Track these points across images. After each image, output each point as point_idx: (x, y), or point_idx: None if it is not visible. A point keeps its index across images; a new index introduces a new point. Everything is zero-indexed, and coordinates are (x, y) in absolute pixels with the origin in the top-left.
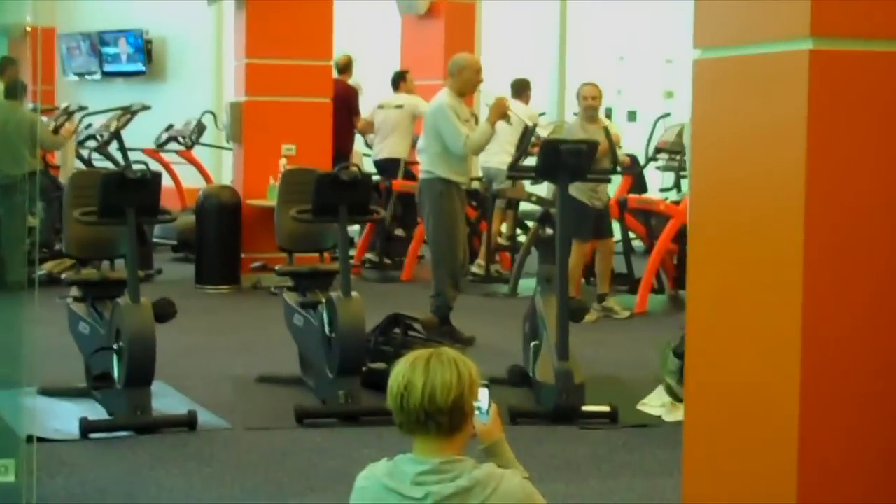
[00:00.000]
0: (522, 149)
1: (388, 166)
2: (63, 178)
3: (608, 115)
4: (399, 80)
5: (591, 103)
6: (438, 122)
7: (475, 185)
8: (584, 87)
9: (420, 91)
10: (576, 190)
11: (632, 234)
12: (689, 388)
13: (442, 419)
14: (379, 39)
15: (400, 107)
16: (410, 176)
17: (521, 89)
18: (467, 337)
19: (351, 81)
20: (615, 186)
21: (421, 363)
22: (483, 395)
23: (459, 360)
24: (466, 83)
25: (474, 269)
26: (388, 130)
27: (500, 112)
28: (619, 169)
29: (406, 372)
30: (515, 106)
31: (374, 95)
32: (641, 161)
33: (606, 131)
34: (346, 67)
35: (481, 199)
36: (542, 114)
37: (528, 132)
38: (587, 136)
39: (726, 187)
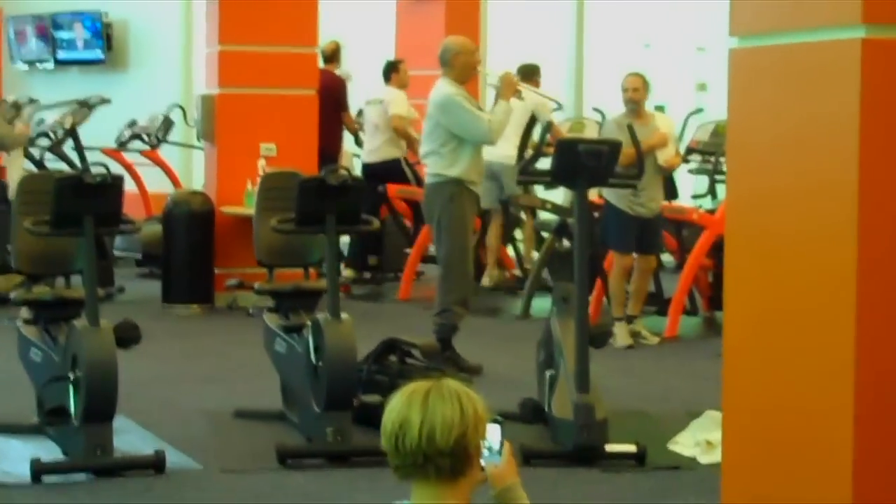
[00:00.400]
0: (537, 147)
1: (386, 170)
2: (12, 183)
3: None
4: (391, 71)
5: (630, 96)
6: (451, 114)
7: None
8: (625, 77)
9: (418, 83)
10: (614, 196)
11: None
12: (727, 422)
13: (442, 462)
14: (371, 24)
15: (380, 102)
16: (401, 179)
17: (528, 75)
18: (473, 365)
19: (339, 71)
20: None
21: (419, 397)
22: (494, 433)
23: (463, 394)
24: (465, 68)
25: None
26: (371, 129)
27: (511, 87)
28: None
29: (401, 408)
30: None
31: (364, 87)
32: None
33: (630, 129)
34: (333, 56)
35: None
36: (558, 108)
37: (533, 120)
38: (622, 136)
39: (768, 193)
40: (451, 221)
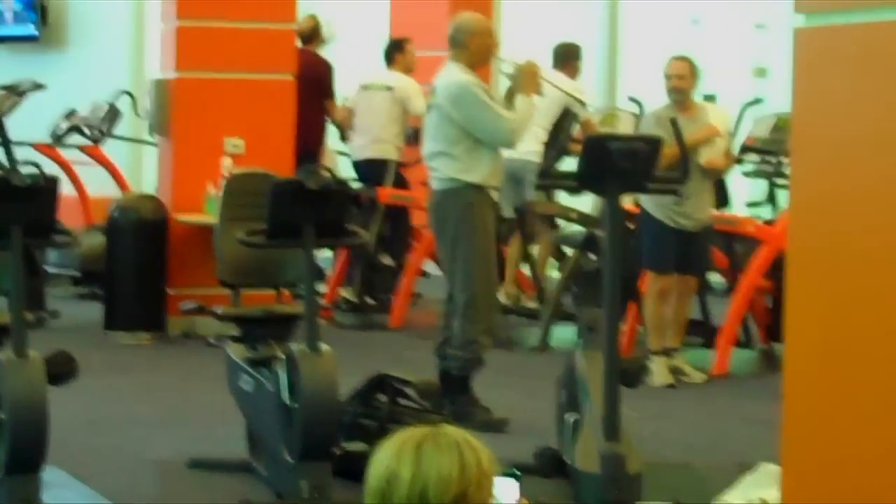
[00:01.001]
0: (560, 144)
1: (371, 170)
2: None
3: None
4: (394, 52)
5: (675, 84)
6: (467, 109)
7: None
8: (669, 62)
9: (417, 66)
10: (652, 204)
11: None
12: (787, 478)
13: None
14: None
15: (389, 89)
16: (401, 183)
17: (566, 57)
18: (496, 418)
19: (322, 36)
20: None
21: (410, 447)
22: (509, 490)
23: (464, 444)
24: (481, 51)
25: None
26: (369, 121)
27: (534, 80)
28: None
29: (389, 459)
30: (553, 77)
31: (352, 71)
32: None
33: (674, 124)
34: (313, 34)
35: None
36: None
37: (567, 114)
38: (664, 132)
39: (839, 201)
40: (473, 232)
